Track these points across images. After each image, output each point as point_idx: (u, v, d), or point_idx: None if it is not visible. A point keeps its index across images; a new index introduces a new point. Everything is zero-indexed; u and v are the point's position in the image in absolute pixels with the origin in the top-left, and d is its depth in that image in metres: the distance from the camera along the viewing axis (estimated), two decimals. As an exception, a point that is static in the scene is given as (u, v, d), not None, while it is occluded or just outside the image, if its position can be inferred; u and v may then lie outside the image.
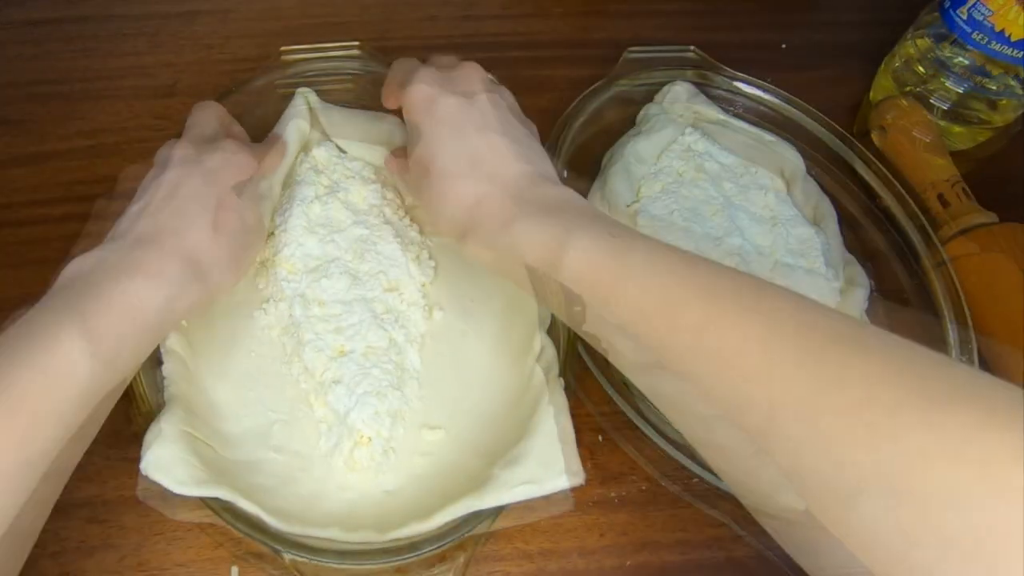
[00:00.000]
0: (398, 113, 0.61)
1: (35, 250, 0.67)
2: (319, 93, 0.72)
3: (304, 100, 0.71)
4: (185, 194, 0.54)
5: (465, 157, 0.54)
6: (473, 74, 0.59)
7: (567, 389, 0.56)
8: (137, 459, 0.50)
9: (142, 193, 0.56)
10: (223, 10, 0.85)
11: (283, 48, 0.71)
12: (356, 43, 0.72)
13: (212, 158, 0.57)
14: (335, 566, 0.49)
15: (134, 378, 0.53)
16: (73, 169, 0.72)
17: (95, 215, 0.60)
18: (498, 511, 0.51)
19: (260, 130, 0.70)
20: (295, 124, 0.68)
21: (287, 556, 0.49)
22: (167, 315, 0.50)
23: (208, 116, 0.63)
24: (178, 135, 0.62)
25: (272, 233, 0.64)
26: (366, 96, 0.73)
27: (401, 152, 0.63)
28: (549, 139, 0.70)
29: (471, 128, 0.55)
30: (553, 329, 0.60)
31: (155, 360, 0.56)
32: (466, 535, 0.51)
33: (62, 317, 0.46)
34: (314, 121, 0.71)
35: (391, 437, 0.57)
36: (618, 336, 0.48)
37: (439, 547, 0.50)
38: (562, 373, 0.57)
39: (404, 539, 0.51)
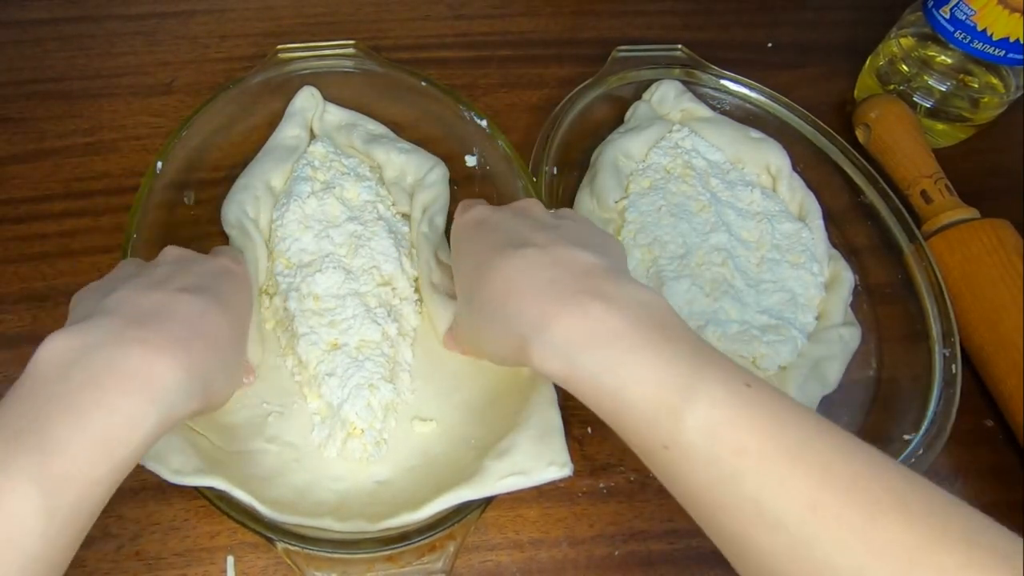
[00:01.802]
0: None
1: (34, 246, 0.68)
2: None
3: (308, 96, 0.72)
4: (197, 271, 0.50)
5: (515, 243, 0.47)
6: (531, 201, 0.54)
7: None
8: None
9: (137, 266, 0.52)
10: (219, 9, 0.85)
11: (279, 47, 0.72)
12: (352, 42, 0.73)
13: (216, 260, 0.53)
14: (328, 555, 0.50)
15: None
16: (72, 166, 0.73)
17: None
18: (488, 502, 0.52)
19: (259, 129, 0.72)
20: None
21: (280, 545, 0.50)
22: (153, 440, 0.41)
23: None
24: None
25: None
26: (362, 94, 0.74)
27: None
28: (539, 136, 0.71)
29: (526, 226, 0.49)
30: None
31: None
32: (456, 525, 0.52)
33: (15, 455, 0.36)
34: (314, 118, 0.73)
35: (383, 429, 0.57)
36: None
37: (430, 537, 0.51)
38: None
39: (395, 529, 0.51)
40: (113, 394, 0.39)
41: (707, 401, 0.37)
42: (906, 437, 0.60)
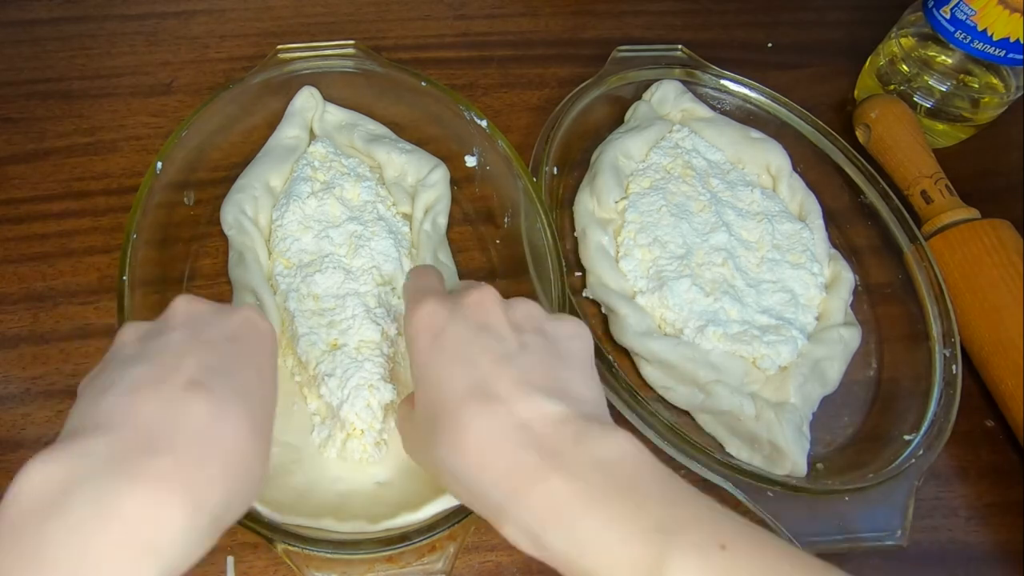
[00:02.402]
0: None
1: (34, 246, 0.68)
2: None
3: (308, 97, 0.72)
4: (211, 339, 0.42)
5: (478, 395, 0.41)
6: (486, 297, 0.46)
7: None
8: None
9: (139, 339, 0.43)
10: (219, 10, 0.85)
11: (279, 47, 0.72)
12: (351, 42, 0.73)
13: (234, 317, 0.45)
14: (328, 556, 0.50)
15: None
16: (71, 166, 0.73)
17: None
18: None
19: (259, 129, 0.72)
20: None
21: (280, 546, 0.50)
22: None
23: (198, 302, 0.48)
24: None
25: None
26: (362, 94, 0.74)
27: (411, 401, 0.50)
28: (539, 136, 0.71)
29: (488, 355, 0.43)
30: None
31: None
32: (456, 525, 0.52)
33: None
34: (314, 118, 0.73)
35: (383, 429, 0.57)
36: None
37: (430, 537, 0.51)
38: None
39: (395, 529, 0.51)
40: (100, 550, 0.32)
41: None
42: (906, 437, 0.61)
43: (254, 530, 0.50)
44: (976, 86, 0.76)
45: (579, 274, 0.69)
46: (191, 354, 0.41)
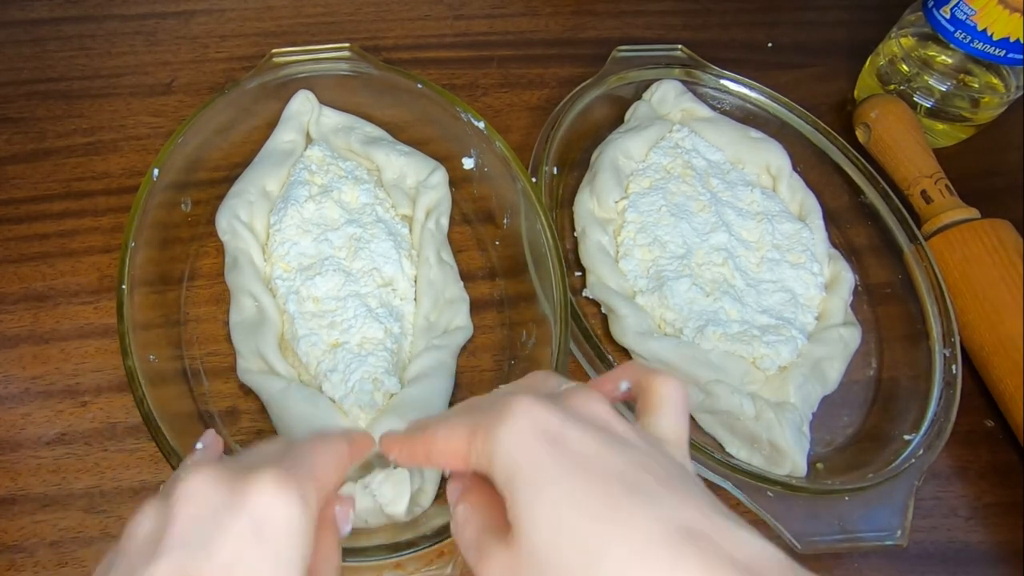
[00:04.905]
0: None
1: (34, 246, 0.68)
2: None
3: (304, 100, 0.72)
4: (214, 558, 0.32)
5: (676, 531, 0.30)
6: (591, 398, 0.36)
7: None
8: (134, 450, 0.51)
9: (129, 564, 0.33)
10: (219, 10, 0.85)
11: (274, 51, 0.72)
12: (347, 44, 0.73)
13: (248, 511, 0.33)
14: None
15: (130, 371, 0.54)
16: (72, 166, 0.73)
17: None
18: None
19: (257, 130, 0.72)
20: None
21: None
22: None
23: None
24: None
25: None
26: (358, 97, 0.74)
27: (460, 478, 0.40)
28: (539, 136, 0.71)
29: (623, 461, 0.33)
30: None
31: (151, 353, 0.57)
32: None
33: None
34: (310, 122, 0.73)
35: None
36: None
37: (437, 543, 0.51)
38: (557, 368, 0.58)
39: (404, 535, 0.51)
40: None
41: None
42: (906, 437, 0.60)
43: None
44: (976, 86, 0.76)
45: (579, 274, 0.69)
46: None
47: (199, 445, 0.43)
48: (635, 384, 0.40)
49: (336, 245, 0.64)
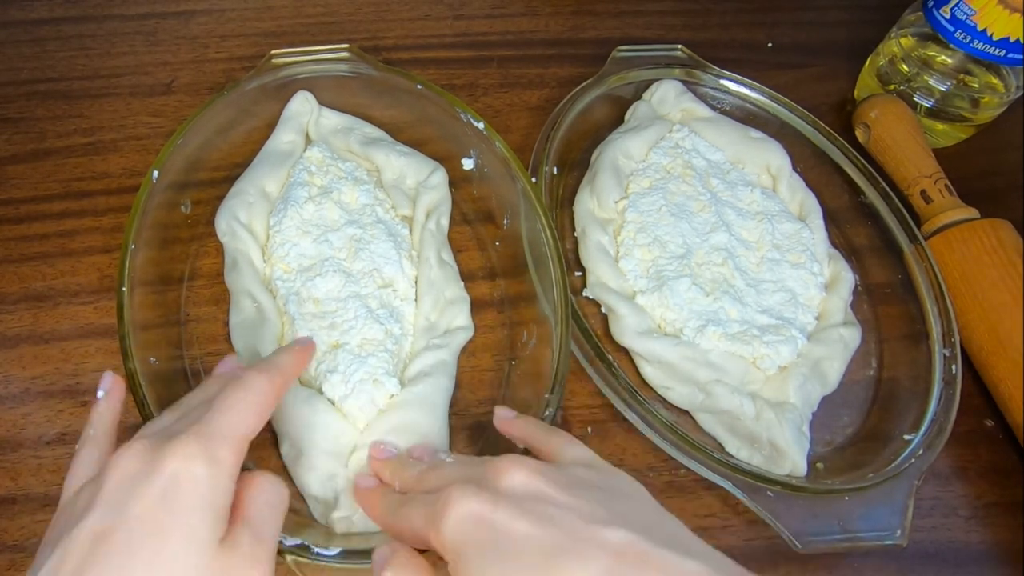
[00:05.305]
0: None
1: (34, 246, 0.68)
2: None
3: (303, 101, 0.72)
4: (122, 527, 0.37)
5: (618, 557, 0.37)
6: (511, 469, 0.42)
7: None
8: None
9: (56, 537, 0.39)
10: (219, 9, 0.85)
11: (273, 52, 0.72)
12: (345, 45, 0.73)
13: (155, 480, 0.38)
14: (338, 565, 0.50)
15: (131, 374, 0.54)
16: (71, 166, 0.73)
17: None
18: None
19: (257, 131, 0.72)
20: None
21: (290, 557, 0.49)
22: None
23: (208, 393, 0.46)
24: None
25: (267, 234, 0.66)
26: (357, 97, 0.74)
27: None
28: (539, 136, 0.71)
29: (577, 521, 0.39)
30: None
31: (150, 352, 0.57)
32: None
33: None
34: (310, 123, 0.73)
35: None
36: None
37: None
38: (558, 367, 0.58)
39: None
40: None
41: None
42: (906, 437, 0.61)
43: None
44: (976, 86, 0.76)
45: (579, 274, 0.69)
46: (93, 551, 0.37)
47: (100, 392, 0.48)
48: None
49: (336, 246, 0.64)
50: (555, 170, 0.71)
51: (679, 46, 0.80)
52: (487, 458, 0.44)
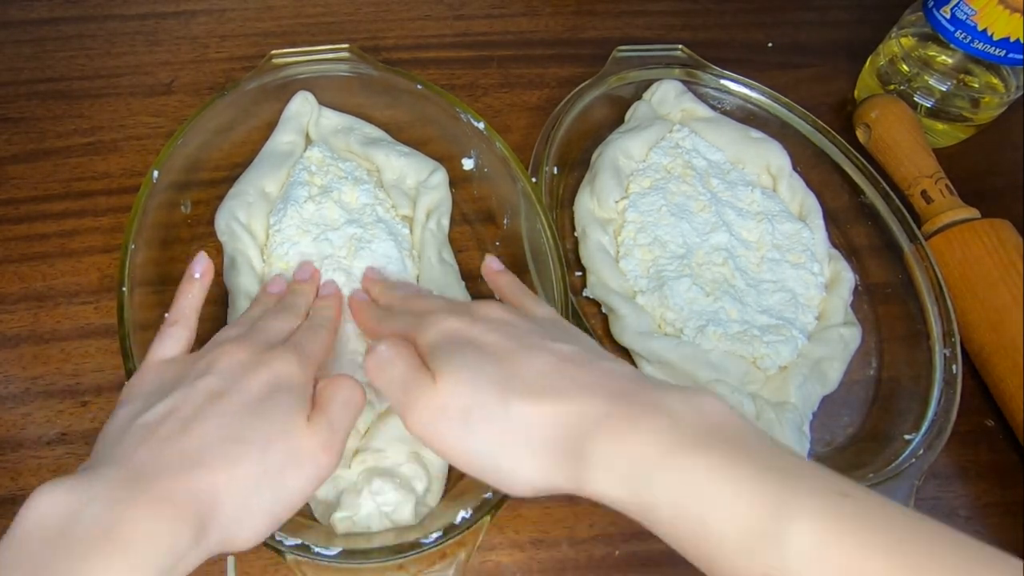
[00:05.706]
0: None
1: (34, 246, 0.68)
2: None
3: (303, 101, 0.72)
4: (240, 400, 0.44)
5: (534, 371, 0.43)
6: (491, 306, 0.50)
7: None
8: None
9: (166, 389, 0.46)
10: (219, 10, 0.85)
11: (273, 52, 0.72)
12: (345, 45, 0.73)
13: (269, 369, 0.47)
14: (338, 565, 0.50)
15: (131, 375, 0.53)
16: (72, 166, 0.73)
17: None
18: (498, 506, 0.52)
19: (257, 130, 0.72)
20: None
21: (290, 556, 0.49)
22: None
23: (284, 321, 0.53)
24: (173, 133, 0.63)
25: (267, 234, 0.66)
26: (357, 97, 0.74)
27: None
28: (539, 136, 0.71)
29: (534, 338, 0.47)
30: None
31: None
32: (467, 531, 0.51)
33: None
34: (310, 123, 0.73)
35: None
36: None
37: (439, 544, 0.51)
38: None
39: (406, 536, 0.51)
40: (101, 568, 0.35)
41: (807, 523, 0.33)
42: (906, 437, 0.60)
43: (267, 545, 0.48)
44: (976, 86, 0.76)
45: (579, 274, 0.69)
46: (218, 412, 0.44)
47: (196, 274, 0.54)
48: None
49: (336, 245, 0.64)
50: (555, 170, 0.71)
51: (679, 46, 0.80)
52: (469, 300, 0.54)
